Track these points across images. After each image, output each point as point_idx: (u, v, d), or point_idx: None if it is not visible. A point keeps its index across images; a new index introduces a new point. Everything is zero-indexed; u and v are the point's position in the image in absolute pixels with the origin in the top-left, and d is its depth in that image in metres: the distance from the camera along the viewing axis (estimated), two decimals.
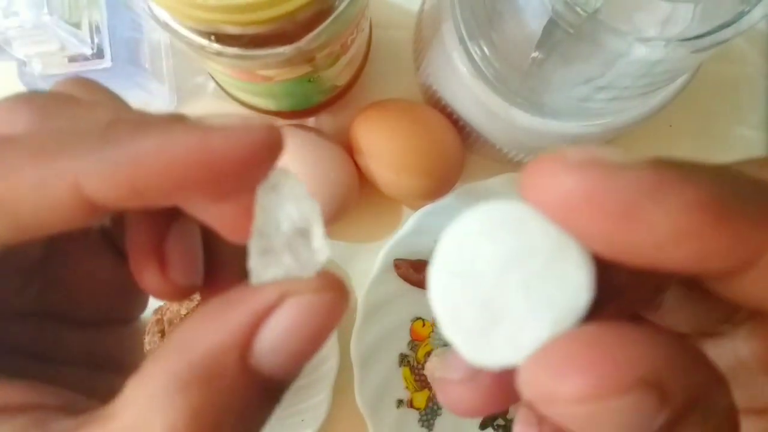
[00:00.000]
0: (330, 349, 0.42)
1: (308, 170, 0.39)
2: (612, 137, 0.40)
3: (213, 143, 0.13)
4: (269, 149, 0.14)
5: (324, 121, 0.44)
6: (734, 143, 0.45)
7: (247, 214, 0.14)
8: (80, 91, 0.17)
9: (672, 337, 0.11)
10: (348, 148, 0.41)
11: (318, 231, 0.15)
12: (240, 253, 0.15)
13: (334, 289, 0.14)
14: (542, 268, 0.12)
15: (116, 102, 0.18)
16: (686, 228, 0.11)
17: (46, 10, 0.34)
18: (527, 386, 0.12)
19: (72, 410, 0.14)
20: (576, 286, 0.12)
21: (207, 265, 0.19)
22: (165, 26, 0.29)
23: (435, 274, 0.13)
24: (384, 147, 0.39)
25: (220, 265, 0.19)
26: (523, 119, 0.35)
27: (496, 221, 0.13)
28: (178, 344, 0.13)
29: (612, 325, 0.11)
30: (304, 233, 0.15)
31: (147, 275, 0.17)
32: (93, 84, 0.18)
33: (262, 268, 0.14)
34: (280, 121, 0.43)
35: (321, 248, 0.15)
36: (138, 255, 0.17)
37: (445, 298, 0.13)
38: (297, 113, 0.43)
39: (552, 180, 0.12)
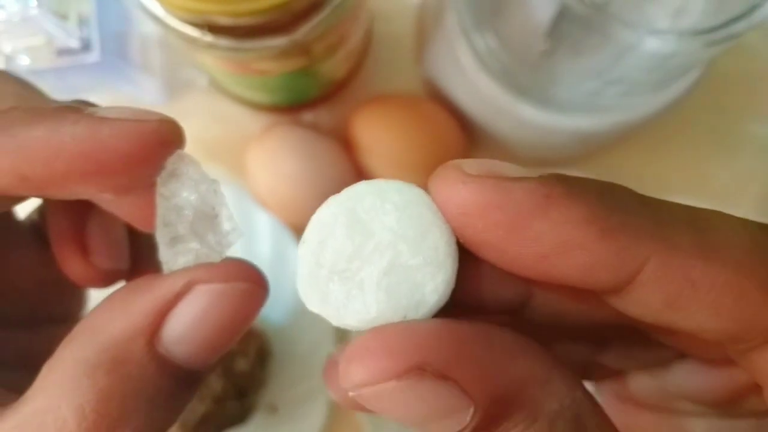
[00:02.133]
0: (328, 353, 0.41)
1: (305, 168, 0.38)
2: (622, 134, 0.39)
3: (101, 134, 0.14)
4: (160, 142, 0.14)
5: (322, 116, 0.43)
6: (747, 140, 0.45)
7: (151, 204, 0.15)
8: None
9: (479, 333, 0.12)
10: (346, 144, 0.41)
11: (225, 212, 0.15)
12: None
13: (245, 278, 0.14)
14: (404, 259, 0.13)
15: (22, 90, 0.19)
16: (571, 240, 0.12)
17: (33, 3, 0.33)
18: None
19: None
20: (431, 287, 0.13)
21: (133, 255, 0.19)
22: (156, 18, 0.29)
23: (316, 230, 0.14)
24: (384, 143, 0.39)
25: (145, 255, 0.20)
26: (531, 114, 0.34)
27: (392, 194, 0.13)
28: (87, 330, 0.14)
29: (424, 322, 0.12)
30: (210, 216, 0.15)
31: (70, 261, 0.18)
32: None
33: (173, 256, 0.14)
34: (275, 116, 0.42)
35: (231, 230, 0.15)
36: (60, 242, 0.18)
37: (314, 257, 0.14)
38: (293, 108, 0.42)
39: (449, 188, 0.13)
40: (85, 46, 0.36)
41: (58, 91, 0.38)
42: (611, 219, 0.12)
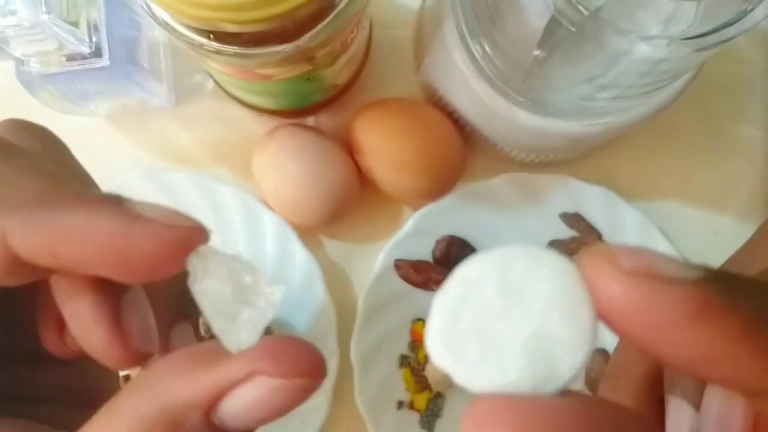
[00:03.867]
0: (330, 350, 0.41)
1: (308, 170, 0.39)
2: (614, 137, 0.39)
3: (132, 232, 0.15)
4: (187, 249, 0.15)
5: (324, 120, 0.44)
6: (737, 143, 0.45)
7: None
8: (21, 136, 0.19)
9: (610, 413, 0.12)
10: (348, 147, 0.41)
11: (258, 276, 0.16)
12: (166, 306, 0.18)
13: (306, 372, 0.15)
14: (552, 329, 0.12)
15: (56, 149, 0.20)
16: (722, 355, 0.11)
17: (44, 8, 0.33)
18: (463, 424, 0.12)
19: None
20: (568, 363, 0.12)
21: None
22: (164, 24, 0.29)
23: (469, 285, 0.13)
24: (384, 146, 0.39)
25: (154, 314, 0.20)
26: (525, 118, 0.35)
27: (546, 261, 0.13)
28: (151, 386, 0.15)
29: (557, 400, 0.12)
30: (249, 286, 0.16)
31: (108, 346, 0.18)
32: (33, 128, 0.20)
33: (233, 333, 0.15)
34: (279, 120, 0.43)
35: (272, 286, 0.16)
36: (94, 326, 0.18)
37: (452, 319, 0.13)
38: (296, 112, 0.43)
39: (601, 280, 0.12)
40: (95, 52, 0.36)
41: (69, 94, 0.39)
42: (764, 336, 0.11)
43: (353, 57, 0.38)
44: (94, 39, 0.36)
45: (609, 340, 0.43)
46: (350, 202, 0.41)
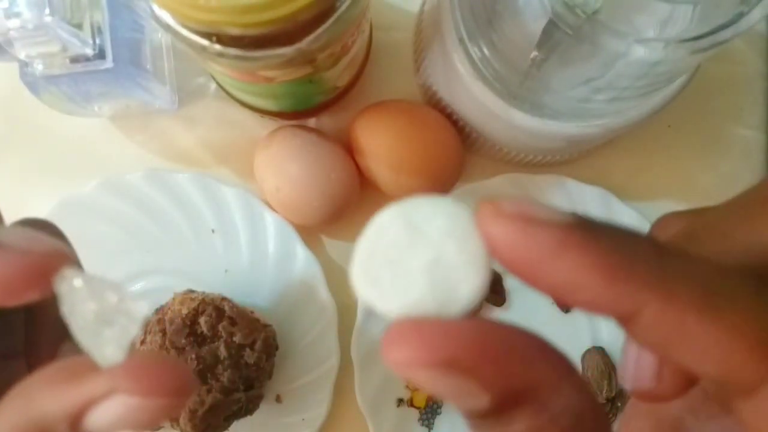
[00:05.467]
0: (330, 348, 0.42)
1: (309, 170, 0.39)
2: (611, 137, 0.40)
3: None
4: (42, 274, 0.16)
5: (324, 121, 0.44)
6: (733, 144, 0.45)
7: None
8: None
9: (504, 336, 0.14)
10: (348, 148, 0.41)
11: (122, 293, 0.16)
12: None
13: (163, 393, 0.15)
14: (449, 257, 0.14)
15: None
16: (577, 282, 0.13)
17: (47, 11, 0.34)
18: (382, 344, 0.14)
19: None
20: (467, 288, 0.14)
21: (33, 334, 0.21)
22: (166, 27, 0.29)
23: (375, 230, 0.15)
24: (384, 147, 0.39)
25: (45, 334, 0.21)
26: (523, 120, 0.35)
27: (445, 206, 0.15)
28: (22, 398, 0.16)
29: (456, 320, 0.14)
30: (113, 305, 0.16)
31: None
32: None
33: (98, 348, 0.16)
34: (281, 122, 0.43)
35: (135, 304, 0.16)
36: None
37: (367, 249, 0.15)
38: (298, 114, 0.43)
39: (483, 221, 0.14)
40: (99, 54, 0.36)
41: (72, 96, 0.39)
42: (617, 267, 0.13)
43: (354, 59, 0.38)
44: (97, 41, 0.36)
45: (606, 339, 0.43)
46: (351, 202, 0.41)
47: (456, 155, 0.41)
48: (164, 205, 0.43)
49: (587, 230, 0.14)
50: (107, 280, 0.17)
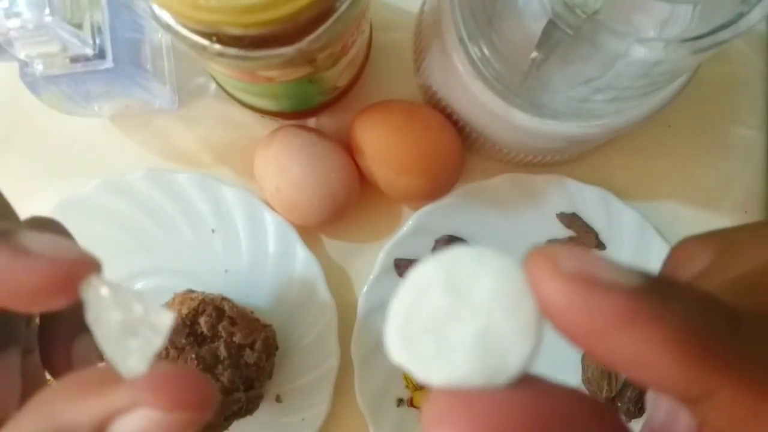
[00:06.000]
0: (330, 348, 0.42)
1: (309, 170, 0.39)
2: (611, 137, 0.40)
3: (15, 267, 0.15)
4: (72, 281, 0.16)
5: (325, 121, 0.44)
6: (733, 144, 0.46)
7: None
8: None
9: (560, 405, 0.13)
10: (348, 148, 0.41)
11: (148, 305, 0.16)
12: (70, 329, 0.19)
13: (187, 407, 0.15)
14: (497, 324, 0.13)
15: None
16: (647, 360, 0.12)
17: (47, 11, 0.34)
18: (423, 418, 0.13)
19: None
20: (518, 355, 0.13)
21: (48, 341, 0.21)
22: (166, 27, 0.29)
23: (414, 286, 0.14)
24: (384, 147, 0.39)
25: (57, 327, 0.21)
26: (523, 120, 0.35)
27: (491, 261, 0.14)
28: (45, 408, 0.15)
29: (507, 392, 0.13)
30: (138, 315, 0.16)
31: None
32: None
33: (121, 358, 0.16)
34: (281, 122, 0.43)
35: (160, 316, 0.16)
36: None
37: (405, 317, 0.14)
38: (298, 114, 0.43)
39: (541, 280, 0.13)
40: (99, 54, 0.36)
41: (72, 96, 0.39)
42: (691, 346, 0.12)
43: (354, 59, 0.38)
44: (97, 41, 0.36)
45: None
46: (351, 202, 0.41)
47: (456, 155, 0.41)
48: (164, 205, 0.43)
49: (659, 298, 0.12)
50: (133, 290, 0.17)
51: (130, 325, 0.16)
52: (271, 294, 0.43)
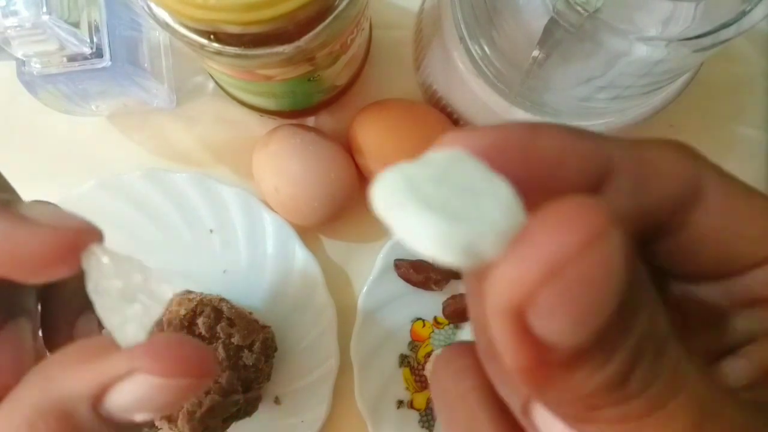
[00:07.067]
0: (330, 349, 0.42)
1: (308, 170, 0.39)
2: None
3: (16, 236, 0.15)
4: (72, 250, 0.16)
5: (324, 120, 0.44)
6: (735, 143, 0.45)
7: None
8: None
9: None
10: (348, 147, 0.41)
11: (150, 274, 0.16)
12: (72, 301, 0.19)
13: (186, 373, 0.15)
14: (477, 187, 0.13)
15: None
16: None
17: (44, 9, 0.33)
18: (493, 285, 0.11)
19: None
20: (507, 201, 0.13)
21: (50, 313, 0.21)
22: (164, 25, 0.29)
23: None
24: (384, 146, 0.39)
25: (62, 313, 0.21)
26: (524, 118, 0.35)
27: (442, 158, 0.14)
28: (43, 380, 0.15)
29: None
30: (138, 284, 0.16)
31: None
32: None
33: (119, 326, 0.16)
34: (279, 121, 0.43)
35: (160, 288, 0.16)
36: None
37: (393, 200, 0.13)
38: (297, 112, 0.43)
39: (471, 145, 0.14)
40: (96, 52, 0.36)
41: (70, 95, 0.39)
42: (580, 137, 0.14)
43: (353, 58, 0.38)
44: (95, 40, 0.36)
45: None
46: (350, 201, 0.41)
47: None
48: (162, 205, 0.43)
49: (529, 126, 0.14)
50: (134, 259, 0.16)
51: (129, 293, 0.16)
52: (269, 295, 0.42)
